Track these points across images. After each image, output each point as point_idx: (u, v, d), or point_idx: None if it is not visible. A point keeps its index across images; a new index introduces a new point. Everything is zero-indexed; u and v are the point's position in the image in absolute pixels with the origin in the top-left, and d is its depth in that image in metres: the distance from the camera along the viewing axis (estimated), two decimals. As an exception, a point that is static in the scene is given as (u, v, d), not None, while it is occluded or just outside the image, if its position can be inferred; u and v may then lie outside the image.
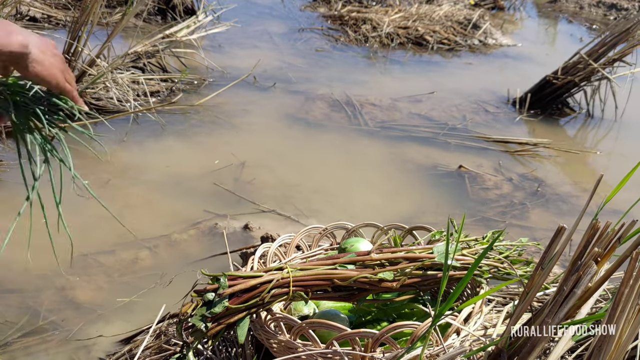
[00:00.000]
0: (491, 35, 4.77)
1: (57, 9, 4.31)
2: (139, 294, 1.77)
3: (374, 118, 3.17)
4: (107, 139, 2.65)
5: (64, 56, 2.66)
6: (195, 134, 2.81)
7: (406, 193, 2.56)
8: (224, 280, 1.12)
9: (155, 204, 2.26)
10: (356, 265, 1.24)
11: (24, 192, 2.22)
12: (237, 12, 4.23)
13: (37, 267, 1.87)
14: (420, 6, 5.01)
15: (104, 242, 2.01)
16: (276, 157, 2.71)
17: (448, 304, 0.91)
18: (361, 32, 4.54)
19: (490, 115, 3.39)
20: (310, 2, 5.45)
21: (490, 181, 2.66)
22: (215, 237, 2.08)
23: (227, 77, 3.47)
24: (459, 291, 0.90)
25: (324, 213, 2.32)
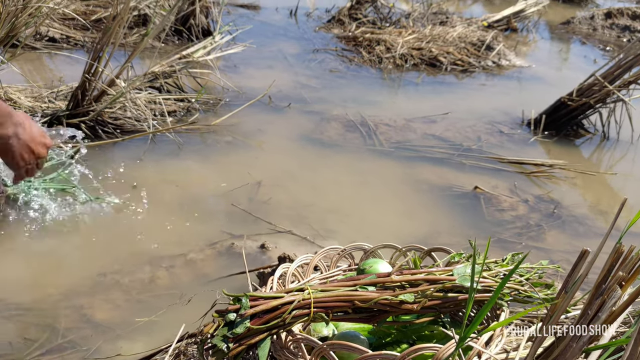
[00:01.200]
0: (505, 56, 4.79)
1: (75, 29, 4.38)
2: (157, 314, 1.77)
3: (388, 138, 3.18)
4: (124, 158, 2.68)
5: (85, 76, 2.71)
6: (211, 154, 2.83)
7: (421, 214, 2.56)
8: (245, 300, 1.12)
9: (172, 223, 2.28)
10: (376, 286, 1.25)
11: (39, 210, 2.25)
12: (253, 33, 4.28)
13: (56, 285, 1.88)
14: (434, 27, 5.05)
15: (121, 261, 2.03)
16: (291, 177, 2.72)
17: (473, 326, 0.91)
18: (375, 53, 4.57)
19: (505, 136, 3.39)
20: (324, 23, 5.50)
21: (506, 202, 2.66)
22: (232, 257, 2.09)
23: (243, 97, 3.50)
24: (483, 314, 0.90)
25: (339, 233, 2.33)
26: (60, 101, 2.97)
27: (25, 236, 2.11)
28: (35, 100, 2.92)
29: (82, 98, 2.79)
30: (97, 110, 2.78)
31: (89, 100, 2.80)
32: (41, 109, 2.85)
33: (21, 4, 2.60)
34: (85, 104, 2.80)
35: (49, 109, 2.87)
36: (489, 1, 7.55)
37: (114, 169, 2.58)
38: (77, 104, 2.81)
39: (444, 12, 5.93)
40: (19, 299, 1.81)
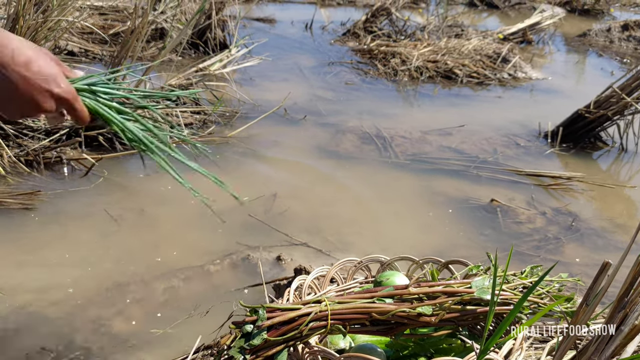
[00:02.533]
0: (521, 68, 4.77)
1: (94, 43, 4.43)
2: (173, 325, 1.77)
3: (404, 151, 3.17)
4: (141, 170, 2.70)
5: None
6: (227, 165, 2.84)
7: (438, 226, 2.54)
8: (262, 312, 1.12)
9: (188, 235, 2.28)
10: (394, 299, 1.24)
11: (59, 221, 2.27)
12: (268, 47, 4.31)
13: (72, 296, 1.89)
14: (449, 40, 5.04)
15: (138, 272, 2.03)
16: (307, 188, 2.72)
17: (494, 339, 0.89)
18: (390, 65, 4.58)
19: (521, 148, 3.37)
20: (339, 36, 5.52)
21: (523, 215, 2.63)
22: (248, 269, 2.09)
23: (259, 109, 3.52)
24: (504, 327, 0.89)
25: (355, 245, 2.32)
26: (79, 113, 3.00)
27: (41, 247, 2.13)
28: (54, 113, 2.95)
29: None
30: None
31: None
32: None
33: (41, 18, 2.64)
34: (103, 116, 2.82)
35: (67, 122, 2.89)
36: (504, 14, 7.55)
37: (131, 181, 2.60)
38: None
39: (459, 24, 5.93)
40: (35, 308, 1.82)
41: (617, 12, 7.90)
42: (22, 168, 2.57)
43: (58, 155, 2.65)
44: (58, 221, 2.28)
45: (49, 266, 2.04)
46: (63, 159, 2.64)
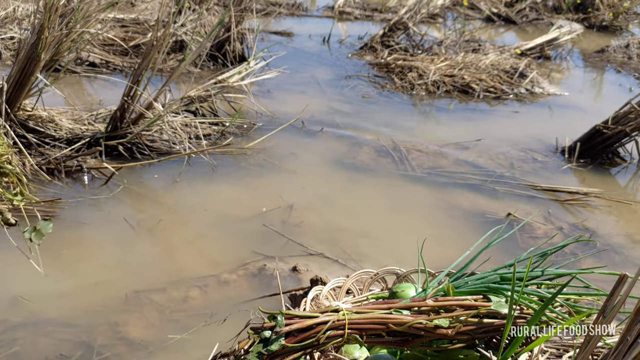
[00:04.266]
0: (538, 84, 4.77)
1: (114, 55, 4.50)
2: (189, 332, 1.79)
3: (420, 164, 3.18)
4: (160, 180, 2.73)
5: (124, 99, 2.78)
6: (244, 176, 2.87)
7: (453, 240, 2.54)
8: (281, 318, 1.13)
9: (205, 244, 2.30)
10: (411, 310, 1.24)
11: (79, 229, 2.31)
12: (286, 59, 4.35)
13: (91, 302, 1.92)
14: (466, 55, 5.06)
15: (155, 280, 2.06)
16: (323, 200, 2.73)
17: (512, 349, 0.90)
18: (407, 79, 4.60)
19: (538, 163, 3.36)
20: (356, 50, 5.56)
21: (540, 230, 2.63)
22: (264, 278, 2.11)
23: (276, 121, 3.55)
24: (521, 339, 0.89)
25: (371, 257, 2.33)
26: (100, 123, 3.05)
27: (62, 253, 2.16)
28: (75, 123, 3.00)
29: (120, 120, 2.86)
30: (135, 133, 2.85)
31: (127, 123, 2.87)
32: (81, 131, 2.93)
33: (65, 30, 2.69)
34: (123, 127, 2.87)
35: (88, 130, 2.95)
36: (521, 29, 7.54)
37: (150, 190, 2.64)
38: (116, 126, 2.88)
39: (476, 39, 5.94)
40: (55, 314, 1.85)
41: (635, 29, 7.87)
42: (43, 176, 2.62)
43: (79, 164, 2.69)
44: (78, 228, 2.31)
45: (69, 273, 2.08)
46: (83, 167, 2.68)
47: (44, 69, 2.79)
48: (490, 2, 8.11)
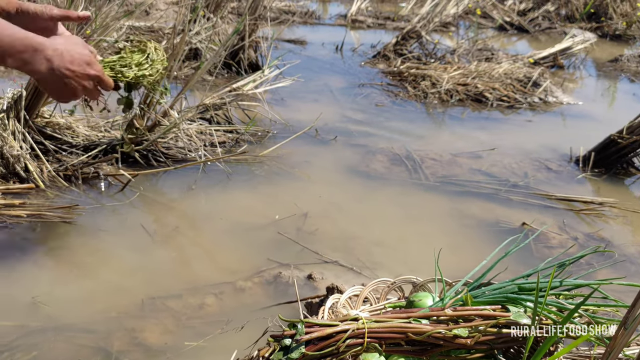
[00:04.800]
0: (551, 93, 4.76)
1: (130, 62, 4.53)
2: (206, 339, 1.80)
3: (434, 173, 3.18)
4: (176, 187, 2.75)
5: (140, 106, 2.81)
6: (259, 184, 2.88)
7: (468, 249, 2.54)
8: (301, 326, 1.14)
9: (220, 251, 2.32)
10: (429, 320, 1.25)
11: (96, 235, 2.33)
12: (299, 68, 4.37)
13: (108, 308, 1.93)
14: (479, 64, 5.06)
15: (172, 286, 2.07)
16: (338, 208, 2.74)
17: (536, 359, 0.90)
18: (420, 88, 4.60)
19: (552, 173, 3.35)
20: (369, 58, 5.57)
21: (555, 239, 2.62)
22: (280, 286, 2.11)
23: (290, 129, 3.56)
24: (544, 350, 0.89)
25: (385, 265, 2.33)
26: (116, 131, 3.08)
27: (79, 259, 2.18)
28: (92, 130, 3.03)
29: (136, 128, 2.89)
30: (151, 140, 2.88)
31: (143, 130, 2.90)
32: (98, 138, 2.96)
33: (83, 38, 2.72)
34: (139, 134, 2.89)
35: (105, 137, 2.98)
36: (534, 38, 7.54)
37: (166, 197, 2.66)
38: (132, 133, 2.91)
39: (489, 48, 5.94)
40: (73, 320, 1.86)
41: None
42: (61, 182, 2.64)
43: (95, 171, 2.72)
44: (95, 235, 2.34)
45: (86, 278, 2.09)
46: (100, 174, 2.71)
47: (62, 76, 2.82)
48: (503, 11, 8.11)
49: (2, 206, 2.39)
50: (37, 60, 1.46)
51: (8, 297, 1.93)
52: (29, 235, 2.29)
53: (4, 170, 2.59)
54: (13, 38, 1.41)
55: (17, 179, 2.59)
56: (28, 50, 1.43)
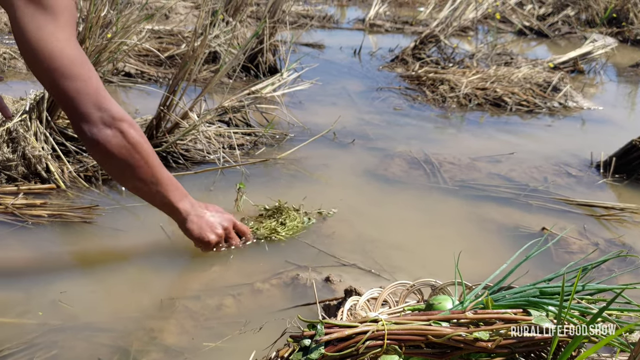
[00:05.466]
0: (572, 97, 4.72)
1: (149, 65, 4.59)
2: (224, 340, 1.80)
3: (453, 177, 3.17)
4: (195, 188, 2.77)
5: (160, 108, 2.83)
6: (276, 186, 2.89)
7: (487, 253, 2.52)
8: (320, 327, 1.14)
9: (238, 252, 2.32)
10: (450, 322, 1.24)
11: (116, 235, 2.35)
12: (317, 71, 4.37)
13: (128, 308, 1.95)
14: (498, 68, 5.03)
15: (190, 287, 2.08)
16: (355, 211, 2.74)
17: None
18: (438, 92, 4.59)
19: (572, 178, 3.32)
20: (387, 62, 5.57)
21: (575, 245, 2.59)
22: (297, 288, 2.11)
23: (307, 132, 3.57)
24: (567, 353, 0.88)
25: (403, 269, 2.32)
26: (135, 132, 3.10)
27: (98, 259, 2.20)
28: (112, 131, 3.05)
29: (156, 129, 2.91)
30: (171, 142, 2.90)
31: (162, 132, 2.92)
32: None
33: (106, 40, 2.76)
34: (159, 135, 2.91)
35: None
36: (553, 43, 7.49)
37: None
38: (152, 135, 2.93)
39: (508, 52, 5.91)
40: (93, 319, 1.88)
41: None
42: (81, 183, 2.67)
43: (115, 172, 2.73)
44: (115, 235, 2.35)
45: (106, 278, 2.11)
46: (120, 175, 2.72)
47: (84, 78, 2.85)
48: (522, 16, 8.06)
49: (24, 206, 2.42)
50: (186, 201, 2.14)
51: (29, 296, 1.95)
52: (49, 235, 2.32)
53: (26, 171, 2.62)
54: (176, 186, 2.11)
55: (38, 180, 2.62)
56: (184, 196, 2.13)
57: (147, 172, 1.93)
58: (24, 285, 2.01)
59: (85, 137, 1.81)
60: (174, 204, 2.05)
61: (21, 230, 2.32)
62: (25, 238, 2.28)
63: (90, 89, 1.74)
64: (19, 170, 2.60)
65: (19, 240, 2.26)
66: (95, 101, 1.75)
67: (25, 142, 2.61)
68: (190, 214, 2.09)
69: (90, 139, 1.80)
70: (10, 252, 2.19)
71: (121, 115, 1.82)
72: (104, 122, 1.78)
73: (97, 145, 1.81)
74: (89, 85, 1.74)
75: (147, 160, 1.91)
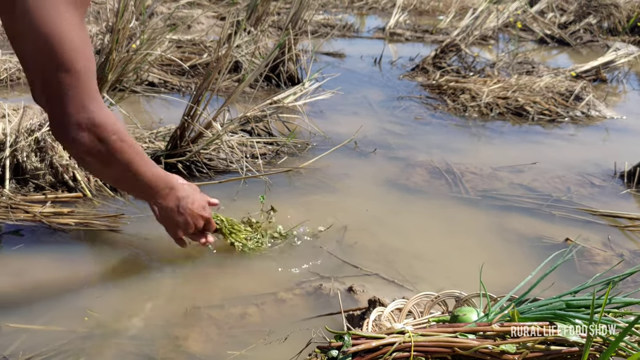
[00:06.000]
0: (594, 107, 4.68)
1: (172, 74, 4.64)
2: (248, 349, 1.82)
3: (474, 187, 3.16)
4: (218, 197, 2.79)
5: (184, 118, 2.87)
6: (299, 196, 2.91)
7: (509, 264, 2.51)
8: (348, 338, 1.15)
9: (261, 261, 2.34)
10: (476, 335, 1.24)
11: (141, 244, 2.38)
12: (338, 80, 4.38)
13: (153, 316, 1.97)
14: (520, 77, 5.01)
15: (214, 296, 2.10)
16: (377, 221, 2.74)
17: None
18: (459, 101, 4.58)
19: (596, 188, 3.29)
20: (408, 71, 5.57)
21: (599, 256, 2.57)
22: (320, 298, 2.12)
23: (329, 141, 3.59)
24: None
25: (426, 279, 2.32)
26: (159, 142, 3.15)
27: (123, 268, 2.23)
28: (137, 140, 3.10)
29: (180, 139, 2.95)
30: (194, 151, 2.93)
31: (186, 142, 2.95)
32: (142, 149, 3.03)
33: (131, 52, 2.81)
34: (183, 145, 2.95)
35: (149, 148, 3.04)
36: (575, 51, 7.43)
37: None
38: (175, 144, 2.97)
39: (529, 61, 5.88)
40: (120, 327, 1.90)
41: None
42: (107, 192, 2.71)
43: (140, 181, 2.77)
44: (140, 244, 2.39)
45: (132, 286, 2.14)
46: (145, 184, 2.76)
47: (109, 88, 2.91)
48: (544, 24, 8.02)
49: (52, 214, 2.46)
50: (171, 197, 1.96)
51: (57, 303, 1.98)
52: (76, 243, 2.36)
53: (53, 180, 2.66)
54: (157, 177, 1.90)
55: (65, 188, 2.67)
56: (167, 188, 1.92)
57: (127, 176, 1.80)
58: (52, 293, 2.05)
59: (59, 133, 1.65)
60: (155, 201, 1.99)
61: (49, 238, 2.36)
62: (53, 245, 2.32)
63: (80, 87, 1.56)
64: (46, 179, 2.65)
65: (47, 248, 2.30)
66: (81, 101, 1.57)
67: (52, 152, 2.66)
68: (174, 210, 2.02)
69: (65, 136, 1.62)
70: (38, 260, 2.23)
71: (103, 121, 1.63)
72: (83, 125, 1.58)
73: (71, 144, 1.63)
74: (80, 81, 1.55)
75: (128, 166, 1.76)
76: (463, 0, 9.58)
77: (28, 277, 2.13)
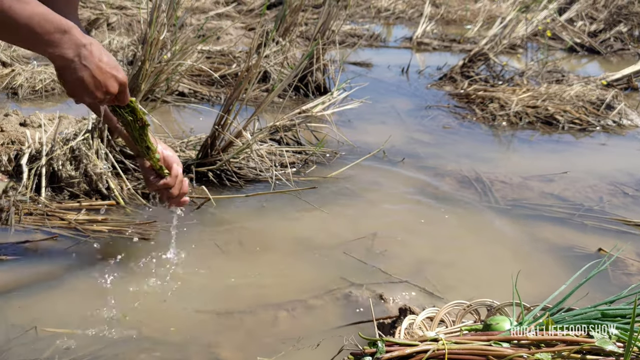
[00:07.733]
0: (626, 115, 4.61)
1: (202, 84, 4.71)
2: (278, 355, 1.83)
3: (504, 196, 3.14)
4: (249, 206, 2.82)
5: (215, 127, 2.90)
6: (328, 204, 2.91)
7: (541, 274, 2.48)
8: (381, 345, 1.16)
9: (290, 269, 2.36)
10: (510, 343, 1.24)
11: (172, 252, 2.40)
12: (366, 90, 4.40)
13: (185, 322, 2.00)
14: (549, 86, 4.97)
15: (245, 302, 2.12)
16: (406, 230, 2.74)
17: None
18: (488, 110, 4.56)
19: (629, 197, 3.24)
20: (435, 80, 5.57)
21: (633, 266, 2.53)
22: (350, 305, 2.13)
23: (357, 150, 3.60)
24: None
25: (456, 288, 2.31)
26: (190, 150, 3.19)
27: (155, 274, 2.26)
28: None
29: (211, 148, 2.98)
30: (224, 160, 2.96)
31: (217, 150, 2.99)
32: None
33: (164, 62, 2.86)
34: (213, 154, 2.99)
35: (180, 157, 3.09)
36: (605, 60, 7.34)
37: (238, 216, 2.72)
38: (206, 153, 3.01)
39: (559, 70, 5.83)
40: (152, 333, 1.93)
41: None
42: (139, 199, 2.76)
43: (172, 189, 2.81)
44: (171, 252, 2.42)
45: (164, 293, 2.17)
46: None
47: (142, 98, 2.96)
48: (573, 32, 7.94)
49: (86, 221, 2.51)
50: (65, 44, 1.42)
51: (94, 309, 2.02)
52: (110, 250, 2.40)
53: (87, 188, 2.72)
54: (41, 16, 1.36)
55: (99, 196, 2.72)
56: (58, 32, 1.39)
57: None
58: (86, 298, 2.09)
59: None
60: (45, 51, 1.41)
61: (83, 244, 2.41)
62: (88, 253, 2.36)
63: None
64: (81, 187, 2.71)
65: (81, 254, 2.35)
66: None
67: (87, 160, 2.71)
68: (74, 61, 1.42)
69: None
70: (73, 266, 2.27)
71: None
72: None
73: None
74: None
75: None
76: (491, 10, 9.54)
77: (63, 282, 2.18)
